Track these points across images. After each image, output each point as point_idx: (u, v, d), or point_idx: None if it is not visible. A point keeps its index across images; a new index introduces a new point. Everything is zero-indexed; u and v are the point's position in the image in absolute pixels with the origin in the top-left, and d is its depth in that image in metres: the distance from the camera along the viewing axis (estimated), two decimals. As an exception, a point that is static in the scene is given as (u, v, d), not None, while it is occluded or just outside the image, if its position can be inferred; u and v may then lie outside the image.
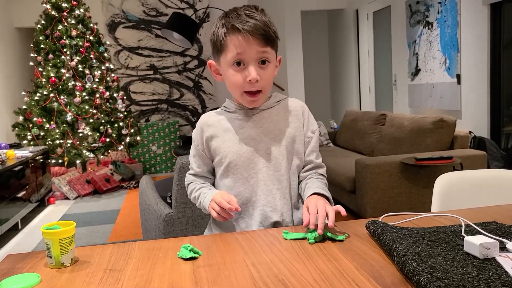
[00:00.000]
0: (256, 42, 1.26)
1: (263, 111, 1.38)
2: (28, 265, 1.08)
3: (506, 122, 4.31)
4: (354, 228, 1.23)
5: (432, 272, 0.83)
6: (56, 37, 5.50)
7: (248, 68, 1.27)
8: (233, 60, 1.27)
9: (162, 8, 6.99)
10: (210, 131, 1.38)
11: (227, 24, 1.26)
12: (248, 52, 1.26)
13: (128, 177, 6.11)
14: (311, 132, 1.40)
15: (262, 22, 1.27)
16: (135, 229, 4.03)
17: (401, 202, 3.56)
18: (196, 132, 1.42)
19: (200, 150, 1.40)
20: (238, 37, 1.25)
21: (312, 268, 0.97)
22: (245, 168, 1.34)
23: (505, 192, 1.59)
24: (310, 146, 1.40)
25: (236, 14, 1.27)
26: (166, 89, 7.09)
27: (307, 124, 1.40)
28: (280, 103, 1.41)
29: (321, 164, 1.43)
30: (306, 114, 1.42)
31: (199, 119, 1.43)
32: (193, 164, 1.43)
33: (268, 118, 1.37)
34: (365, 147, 4.94)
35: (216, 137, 1.37)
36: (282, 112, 1.39)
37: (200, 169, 1.42)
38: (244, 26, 1.24)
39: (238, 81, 1.28)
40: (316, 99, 8.72)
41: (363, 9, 7.09)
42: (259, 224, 1.33)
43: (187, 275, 0.97)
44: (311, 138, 1.40)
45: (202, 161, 1.42)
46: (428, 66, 5.23)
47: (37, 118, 5.34)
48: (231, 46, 1.26)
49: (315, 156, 1.40)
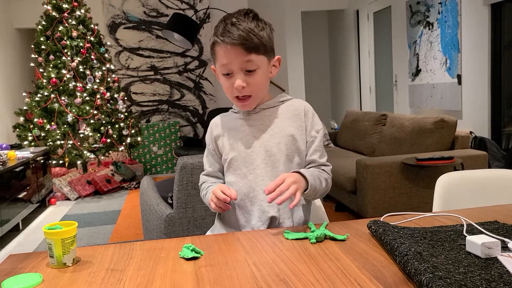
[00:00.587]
0: (239, 52, 1.29)
1: (265, 110, 1.41)
2: (30, 265, 1.08)
3: (507, 122, 4.31)
4: (355, 228, 1.23)
5: (434, 272, 0.83)
6: (56, 38, 5.50)
7: (234, 76, 1.32)
8: (222, 71, 1.34)
9: (163, 9, 6.99)
10: (217, 131, 1.46)
11: (214, 35, 1.32)
12: (233, 62, 1.30)
13: (129, 177, 6.11)
14: (315, 132, 1.41)
15: (245, 30, 1.28)
16: (136, 229, 4.03)
17: (402, 203, 3.56)
18: (207, 132, 1.50)
19: (211, 150, 1.47)
20: (222, 49, 1.30)
21: (314, 267, 0.97)
22: (245, 164, 1.39)
23: (506, 192, 1.59)
24: (314, 145, 1.40)
25: (223, 23, 1.31)
26: (166, 90, 7.09)
27: (311, 124, 1.41)
28: (284, 103, 1.43)
29: (325, 163, 1.43)
30: (310, 114, 1.42)
31: (211, 121, 1.51)
32: (205, 164, 1.50)
33: (269, 116, 1.41)
34: (366, 147, 4.94)
35: (221, 136, 1.44)
36: (285, 112, 1.41)
37: (212, 168, 1.48)
38: (225, 38, 1.28)
39: (228, 88, 1.35)
40: (316, 100, 8.72)
41: (363, 9, 7.09)
42: (257, 219, 1.36)
43: (189, 275, 0.97)
44: (315, 138, 1.40)
45: (214, 160, 1.48)
46: (428, 66, 5.23)
47: (38, 119, 5.34)
48: (219, 57, 1.33)
49: (319, 156, 1.41)
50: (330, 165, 1.44)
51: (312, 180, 1.29)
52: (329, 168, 1.43)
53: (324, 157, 1.43)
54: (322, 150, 1.42)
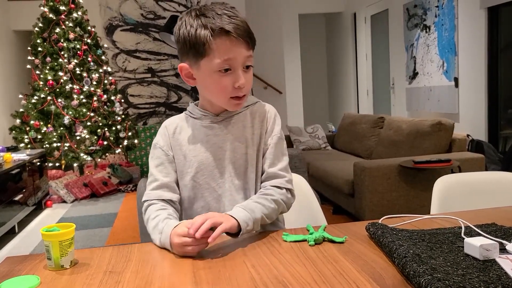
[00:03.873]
0: (244, 46, 1.19)
1: (230, 117, 1.30)
2: (27, 267, 1.07)
3: (504, 125, 4.32)
4: (353, 230, 1.23)
5: (433, 274, 0.83)
6: (53, 40, 5.49)
7: (235, 73, 1.19)
8: (220, 67, 1.18)
9: (160, 11, 6.99)
10: (176, 137, 1.31)
11: (211, 25, 1.15)
12: (237, 57, 1.18)
13: (126, 180, 6.09)
14: (271, 139, 1.30)
15: (245, 23, 1.19)
16: (132, 232, 4.02)
17: (399, 205, 3.56)
18: (161, 138, 1.32)
19: (170, 156, 1.30)
20: (226, 42, 1.16)
21: (313, 269, 0.97)
22: (213, 178, 1.28)
23: (504, 194, 1.59)
24: (266, 153, 1.30)
25: (215, 13, 1.17)
26: (163, 92, 7.09)
27: (270, 131, 1.30)
28: (249, 108, 1.32)
29: (276, 174, 1.29)
30: (272, 119, 1.31)
31: (162, 125, 1.35)
32: (158, 175, 1.29)
33: (234, 124, 1.29)
34: (364, 150, 4.95)
35: (182, 144, 1.30)
36: (249, 118, 1.31)
37: (169, 178, 1.29)
38: (233, 29, 1.15)
39: (226, 87, 1.20)
40: (314, 102, 8.73)
41: (360, 12, 7.11)
42: None
43: (187, 277, 0.97)
44: (268, 145, 1.30)
45: (172, 168, 1.30)
46: (425, 69, 5.25)
47: (34, 121, 5.33)
48: (219, 51, 1.16)
49: (268, 165, 1.29)
50: (283, 176, 1.29)
51: (245, 222, 1.14)
52: (281, 180, 1.28)
53: (275, 166, 1.29)
54: (272, 158, 1.29)
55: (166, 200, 1.28)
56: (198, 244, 1.07)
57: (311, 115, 8.39)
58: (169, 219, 1.18)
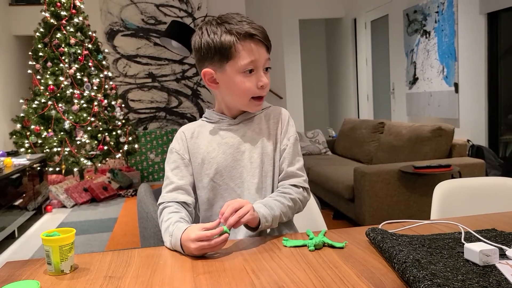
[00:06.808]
0: (265, 49, 1.29)
1: (246, 120, 1.37)
2: (27, 272, 1.08)
3: (504, 130, 4.32)
4: (353, 235, 1.23)
5: (433, 279, 0.83)
6: (54, 45, 5.51)
7: (258, 73, 1.28)
8: (246, 68, 1.26)
9: (161, 17, 7.01)
10: (193, 141, 1.37)
11: (236, 30, 1.24)
12: (260, 59, 1.28)
13: (126, 185, 6.09)
14: (287, 140, 1.36)
15: (264, 29, 1.30)
16: (133, 237, 4.02)
17: (399, 210, 3.56)
18: (177, 143, 1.38)
19: (186, 160, 1.35)
20: (251, 44, 1.26)
21: (313, 275, 0.97)
22: (231, 178, 1.33)
23: (504, 199, 1.59)
24: (285, 153, 1.36)
25: (237, 20, 1.27)
26: (164, 97, 7.10)
27: (285, 132, 1.37)
28: (263, 111, 1.40)
29: (295, 173, 1.35)
30: (286, 121, 1.38)
31: (178, 131, 1.40)
32: (174, 178, 1.33)
33: (251, 127, 1.36)
34: (364, 155, 4.95)
35: (199, 147, 1.35)
36: (264, 121, 1.38)
37: (184, 181, 1.33)
38: (257, 32, 1.26)
39: (250, 88, 1.28)
40: (314, 108, 8.74)
41: (361, 18, 7.13)
42: (245, 232, 1.28)
43: (187, 282, 0.97)
44: (286, 146, 1.36)
45: (187, 171, 1.35)
46: (425, 74, 5.26)
47: (35, 125, 5.33)
48: (244, 53, 1.25)
49: (287, 164, 1.35)
50: (301, 176, 1.36)
51: (262, 212, 1.21)
52: (299, 179, 1.35)
53: (294, 166, 1.36)
54: (291, 158, 1.35)
55: (181, 202, 1.32)
56: (215, 246, 1.10)
57: (311, 120, 8.39)
58: (180, 222, 1.22)
